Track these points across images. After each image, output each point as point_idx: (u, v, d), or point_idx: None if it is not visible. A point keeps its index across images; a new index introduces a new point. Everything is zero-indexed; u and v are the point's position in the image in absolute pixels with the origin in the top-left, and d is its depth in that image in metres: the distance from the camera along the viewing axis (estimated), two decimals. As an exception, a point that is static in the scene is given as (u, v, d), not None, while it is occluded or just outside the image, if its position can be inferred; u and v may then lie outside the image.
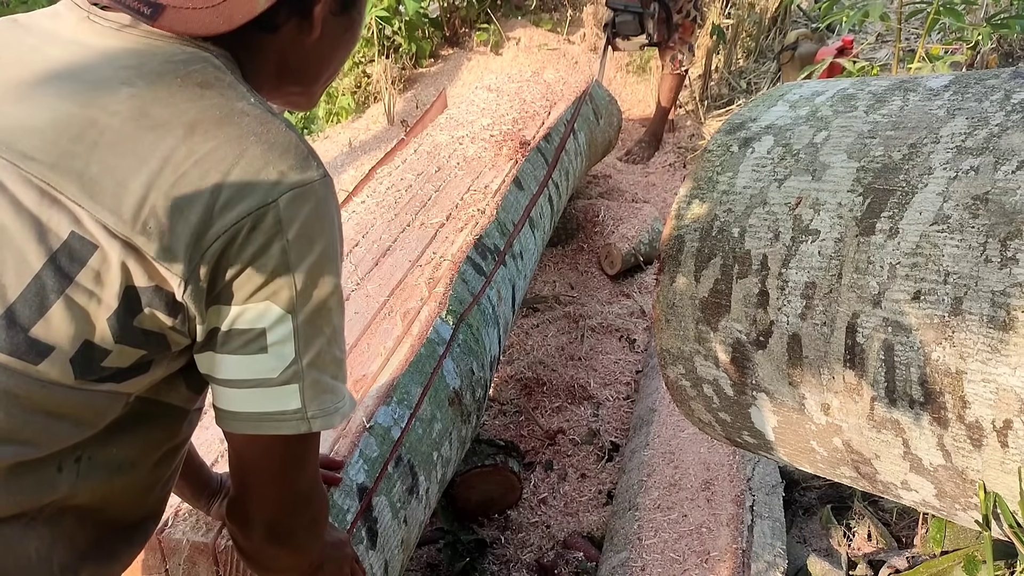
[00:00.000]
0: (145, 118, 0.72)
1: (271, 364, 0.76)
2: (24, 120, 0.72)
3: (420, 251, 2.10)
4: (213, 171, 0.71)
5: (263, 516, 0.84)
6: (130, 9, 0.76)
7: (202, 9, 0.75)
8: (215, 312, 0.74)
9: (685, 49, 4.14)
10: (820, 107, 1.16)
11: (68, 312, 0.70)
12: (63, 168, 0.70)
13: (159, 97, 0.73)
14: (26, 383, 0.70)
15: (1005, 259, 0.86)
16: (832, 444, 1.06)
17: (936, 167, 0.96)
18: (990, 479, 0.90)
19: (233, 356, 0.76)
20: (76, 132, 0.71)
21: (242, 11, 0.76)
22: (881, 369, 0.95)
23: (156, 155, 0.71)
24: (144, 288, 0.72)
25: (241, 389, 0.77)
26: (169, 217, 0.70)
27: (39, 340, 0.70)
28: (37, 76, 0.75)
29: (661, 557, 1.79)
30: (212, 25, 0.76)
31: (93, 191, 0.70)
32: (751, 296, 1.08)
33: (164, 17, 0.75)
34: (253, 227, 0.72)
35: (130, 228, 0.70)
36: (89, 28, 0.77)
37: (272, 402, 0.77)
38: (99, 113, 0.72)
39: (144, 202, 0.70)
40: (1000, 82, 1.02)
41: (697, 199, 1.19)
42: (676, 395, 1.27)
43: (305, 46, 0.84)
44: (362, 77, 5.15)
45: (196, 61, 0.76)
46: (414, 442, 1.53)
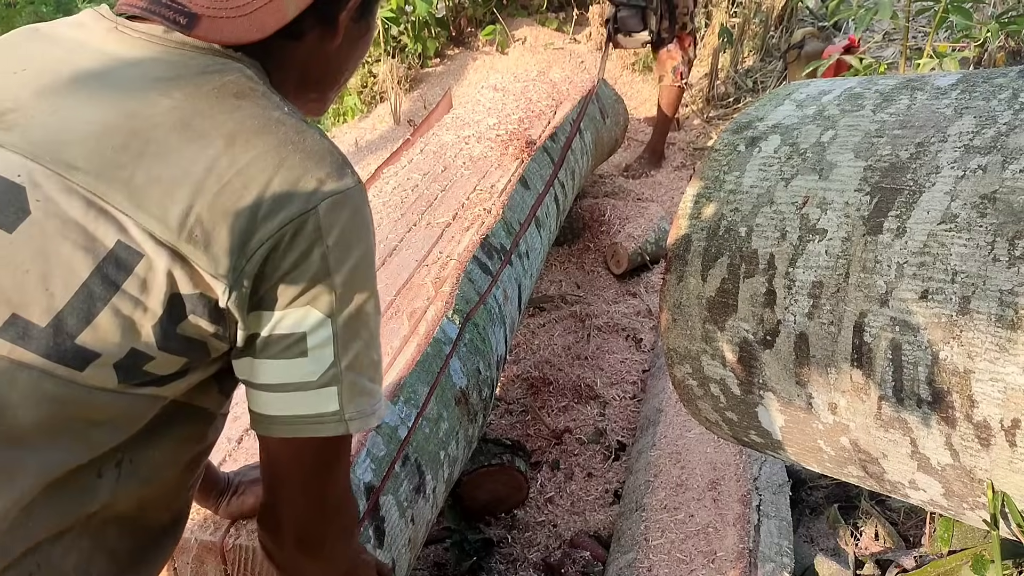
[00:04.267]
0: (187, 130, 0.73)
1: (311, 367, 0.77)
2: (64, 131, 0.74)
3: (426, 251, 2.10)
4: (255, 180, 0.73)
5: (294, 523, 0.85)
6: (166, 19, 0.78)
7: (236, 18, 0.78)
8: (256, 318, 0.76)
9: (685, 60, 4.08)
10: (827, 106, 1.16)
11: (114, 320, 0.71)
12: (108, 178, 0.72)
13: (198, 109, 0.75)
14: (71, 389, 0.71)
15: (1013, 258, 0.86)
16: (839, 443, 1.06)
17: (944, 166, 0.96)
18: (998, 478, 0.90)
19: (274, 361, 0.77)
20: (120, 143, 0.72)
21: (273, 18, 0.79)
22: (889, 368, 0.95)
23: (200, 165, 0.72)
24: (189, 295, 0.73)
25: (280, 393, 0.78)
26: (214, 226, 0.72)
27: (85, 347, 0.71)
28: (71, 87, 0.76)
29: (668, 558, 1.79)
30: (246, 33, 0.78)
31: (139, 200, 0.71)
32: (758, 295, 1.08)
33: (200, 26, 0.77)
34: (295, 234, 0.74)
35: (176, 236, 0.71)
36: (118, 39, 0.79)
37: (311, 404, 0.78)
38: (141, 124, 0.73)
39: (190, 211, 0.71)
40: (1008, 81, 1.02)
41: (704, 198, 1.19)
42: (683, 394, 1.27)
43: (327, 53, 0.86)
44: (368, 77, 5.17)
45: (230, 72, 0.78)
46: (421, 441, 1.53)
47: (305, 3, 0.80)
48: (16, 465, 0.70)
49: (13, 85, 0.78)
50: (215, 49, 0.79)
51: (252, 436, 1.41)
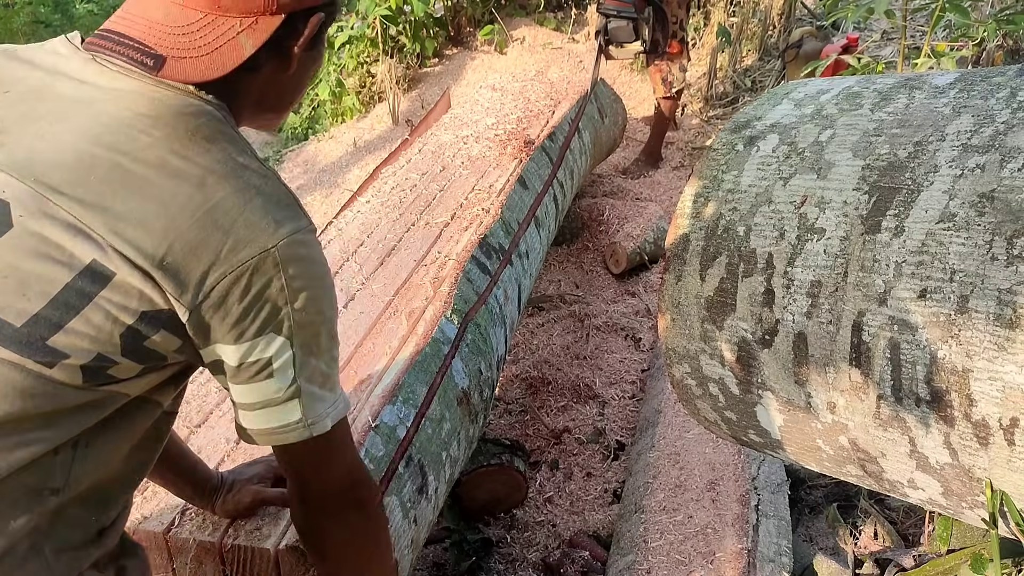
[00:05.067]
0: (164, 167, 0.81)
1: (276, 386, 0.88)
2: (49, 155, 0.80)
3: (425, 250, 2.10)
4: (223, 219, 0.82)
5: (314, 498, 0.99)
6: (133, 61, 0.85)
7: (197, 58, 0.86)
8: (222, 350, 0.85)
9: (676, 69, 4.03)
10: (825, 105, 1.16)
11: (85, 327, 0.79)
12: (90, 205, 0.79)
13: (174, 149, 0.82)
14: (39, 382, 0.78)
15: (1011, 257, 0.86)
16: (838, 442, 1.06)
17: (942, 165, 0.96)
18: (997, 477, 0.90)
19: (245, 385, 0.88)
20: (102, 174, 0.80)
21: (232, 57, 0.87)
22: (887, 367, 0.95)
23: (175, 201, 0.80)
24: (157, 313, 0.81)
25: (254, 411, 0.90)
26: (184, 257, 0.80)
27: (56, 348, 0.78)
28: (54, 113, 0.83)
29: (667, 559, 1.79)
30: (207, 72, 0.86)
31: (118, 228, 0.79)
32: (757, 295, 1.08)
33: (166, 68, 0.85)
34: (256, 269, 0.83)
35: (151, 263, 0.79)
36: (97, 70, 0.85)
37: (278, 417, 0.90)
38: (122, 159, 0.81)
39: (163, 243, 0.79)
40: (1006, 79, 1.02)
41: (702, 198, 1.19)
42: (682, 394, 1.27)
43: (282, 80, 0.95)
44: (367, 77, 5.16)
45: (202, 115, 0.86)
46: (424, 442, 1.53)
47: (260, 41, 0.88)
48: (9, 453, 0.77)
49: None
50: (184, 87, 0.86)
51: (250, 436, 1.41)
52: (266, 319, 0.85)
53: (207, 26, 0.86)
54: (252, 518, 1.20)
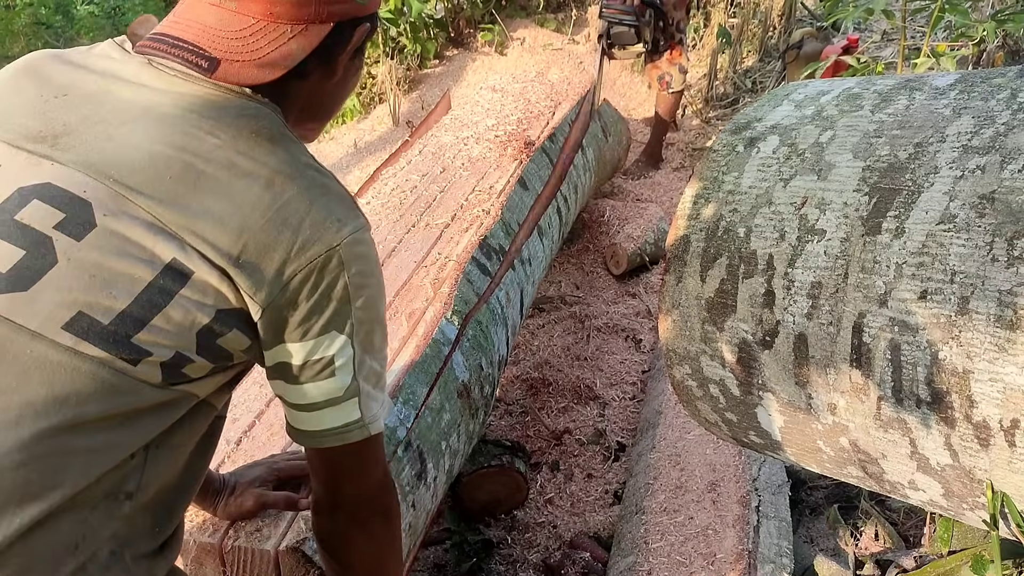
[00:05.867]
0: (233, 168, 0.83)
1: (338, 384, 0.90)
2: (123, 156, 0.82)
3: (425, 252, 2.10)
4: (292, 218, 0.84)
5: (348, 503, 0.99)
6: (188, 63, 0.87)
7: (250, 62, 0.88)
8: (287, 348, 0.87)
9: (675, 70, 4.03)
10: (826, 106, 1.16)
11: (167, 325, 0.81)
12: (168, 203, 0.81)
13: (240, 150, 0.85)
14: (124, 380, 0.80)
15: (1012, 258, 0.85)
16: (839, 444, 1.06)
17: (942, 166, 0.96)
18: (997, 478, 0.90)
19: (309, 384, 0.89)
20: (177, 174, 0.82)
21: (284, 62, 0.89)
22: (888, 369, 0.95)
23: (247, 201, 0.83)
24: (231, 312, 0.83)
25: (315, 411, 0.91)
26: (258, 255, 0.83)
27: (140, 345, 0.80)
28: (117, 115, 0.85)
29: (668, 560, 1.79)
30: (260, 75, 0.88)
31: (195, 227, 0.81)
32: (757, 296, 1.08)
33: (220, 70, 0.87)
34: (323, 266, 0.85)
35: (227, 261, 0.81)
36: (154, 74, 0.87)
37: (340, 416, 0.92)
38: (193, 159, 0.83)
39: (239, 240, 0.82)
40: (1006, 81, 1.02)
41: (703, 199, 1.19)
42: (682, 395, 1.27)
43: (326, 89, 0.97)
44: (367, 78, 5.16)
45: (262, 116, 0.88)
46: (423, 429, 1.54)
47: (310, 47, 0.90)
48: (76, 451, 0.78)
49: (58, 109, 0.86)
50: (241, 90, 0.88)
51: (250, 438, 1.41)
52: (331, 316, 0.87)
53: (259, 31, 0.88)
54: (252, 520, 1.20)
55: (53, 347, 0.77)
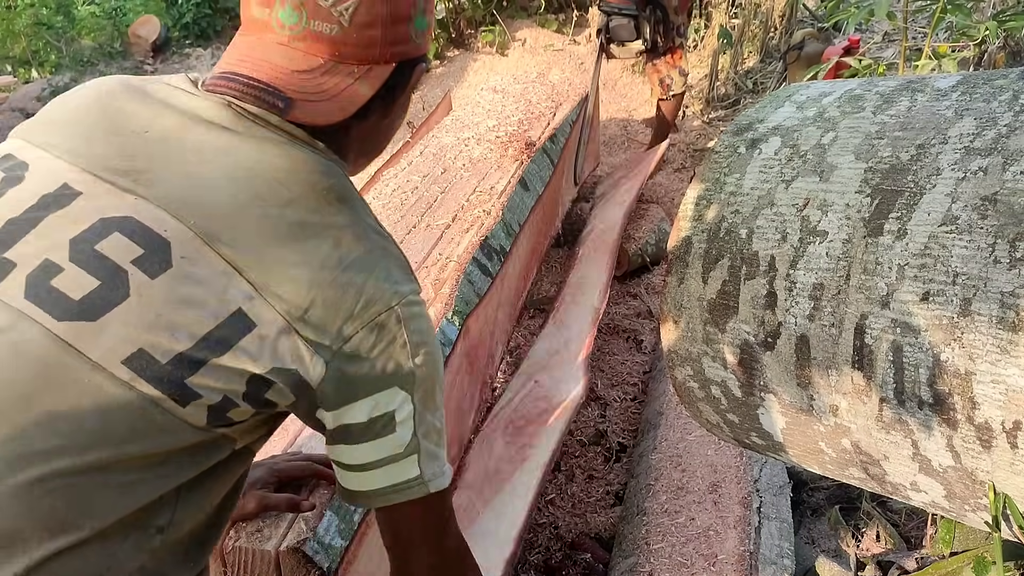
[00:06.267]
0: (305, 224, 0.85)
1: (398, 441, 0.90)
2: (204, 198, 0.84)
3: (426, 252, 2.10)
4: (356, 277, 0.86)
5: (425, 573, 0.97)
6: (265, 103, 0.88)
7: (321, 102, 0.89)
8: (352, 409, 0.87)
9: (676, 73, 4.01)
10: (827, 108, 1.16)
11: (220, 372, 0.81)
12: (243, 252, 0.82)
13: (311, 207, 0.87)
14: (171, 420, 0.81)
15: (1014, 260, 0.85)
16: (841, 445, 1.06)
17: (944, 168, 0.96)
18: (1000, 480, 0.90)
19: (370, 443, 0.89)
20: (254, 223, 0.83)
21: (352, 102, 0.91)
22: (890, 370, 0.95)
23: (317, 258, 0.84)
24: (285, 370, 0.84)
25: (374, 471, 0.90)
26: (324, 312, 0.84)
27: (192, 387, 0.80)
28: (198, 156, 0.86)
29: (669, 561, 1.79)
30: (331, 115, 0.90)
31: (268, 278, 0.82)
32: (759, 297, 1.08)
33: (295, 109, 0.88)
34: (384, 324, 0.87)
35: (294, 314, 0.82)
36: (233, 116, 0.89)
37: (399, 473, 0.91)
38: (270, 210, 0.85)
39: (308, 295, 0.83)
40: (1008, 82, 1.02)
41: (704, 200, 1.19)
42: (684, 396, 1.27)
43: (382, 127, 1.00)
44: (368, 79, 5.16)
45: (332, 174, 0.91)
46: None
47: (375, 88, 0.92)
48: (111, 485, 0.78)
49: (140, 145, 0.87)
50: (315, 144, 0.91)
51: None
52: (392, 372, 0.88)
53: (328, 72, 0.90)
54: (253, 520, 1.20)
55: (110, 380, 0.78)
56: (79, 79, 8.88)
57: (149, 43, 9.00)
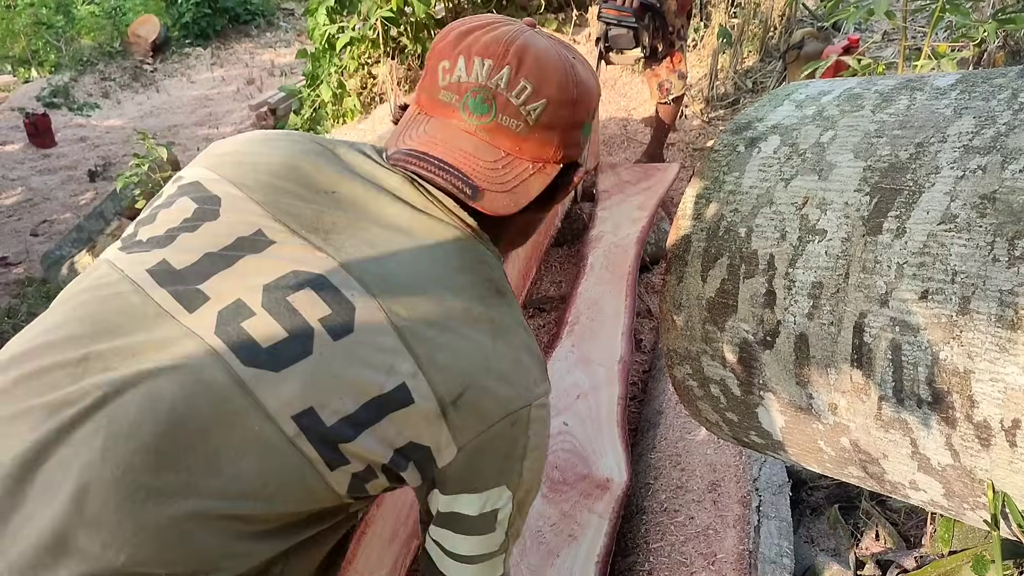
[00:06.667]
0: (469, 312, 0.87)
1: (496, 539, 0.91)
2: (385, 271, 0.86)
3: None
4: (505, 371, 0.87)
5: None
6: (454, 187, 0.91)
7: (501, 193, 0.92)
8: (467, 498, 0.88)
9: (675, 77, 4.01)
10: (826, 106, 1.16)
11: (370, 441, 0.82)
12: (417, 329, 0.84)
13: (476, 296, 0.89)
14: (318, 484, 0.82)
15: (1013, 258, 0.85)
16: (840, 444, 1.06)
17: (943, 166, 0.96)
18: (998, 478, 0.90)
19: (475, 537, 0.90)
20: (429, 303, 0.86)
21: (525, 196, 0.94)
22: (889, 369, 0.95)
23: (478, 349, 0.86)
24: (420, 447, 0.84)
25: (473, 564, 0.92)
26: (474, 398, 0.85)
27: (344, 454, 0.82)
28: (380, 227, 0.90)
29: (668, 560, 1.79)
30: (509, 206, 0.93)
31: (435, 358, 0.83)
32: (758, 296, 1.08)
33: (481, 198, 0.92)
34: (514, 422, 0.88)
35: (448, 399, 0.83)
36: (416, 194, 0.93)
37: (491, 571, 0.93)
38: (443, 293, 0.87)
39: (463, 381, 0.84)
40: (1007, 81, 1.02)
41: (703, 199, 1.19)
42: (683, 395, 1.27)
43: (535, 221, 1.05)
44: (368, 78, 5.17)
45: (495, 267, 0.94)
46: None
47: (544, 184, 0.95)
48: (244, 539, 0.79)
49: (328, 206, 0.90)
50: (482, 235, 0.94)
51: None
52: (507, 471, 0.89)
53: (508, 165, 0.93)
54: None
55: (277, 433, 0.79)
56: (79, 78, 8.88)
57: (149, 43, 9.00)
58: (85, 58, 8.87)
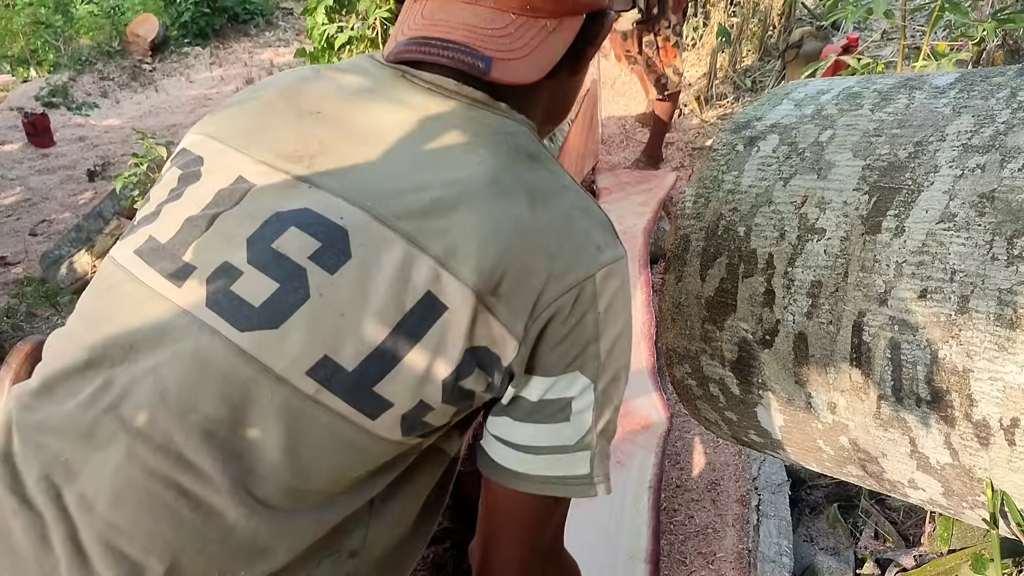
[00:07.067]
0: (495, 184, 0.77)
1: (571, 432, 0.79)
2: (380, 181, 0.77)
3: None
4: (551, 242, 0.76)
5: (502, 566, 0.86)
6: (465, 64, 0.81)
7: (518, 59, 0.82)
8: (526, 381, 0.78)
9: (671, 72, 4.03)
10: (825, 105, 1.16)
11: (411, 371, 0.73)
12: (426, 231, 0.74)
13: (501, 165, 0.78)
14: (361, 436, 0.74)
15: (1012, 257, 0.86)
16: (839, 443, 1.06)
17: (942, 165, 0.96)
18: (997, 477, 0.90)
19: (537, 425, 0.79)
20: (436, 199, 0.75)
21: (547, 58, 0.83)
22: (888, 367, 0.95)
23: (507, 224, 0.75)
24: (480, 349, 0.75)
25: (535, 455, 0.80)
26: (517, 281, 0.74)
27: (382, 396, 0.73)
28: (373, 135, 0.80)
29: (668, 560, 1.79)
30: (530, 73, 0.82)
31: (454, 250, 0.73)
32: (757, 295, 1.08)
33: (494, 70, 0.81)
34: (576, 299, 0.76)
35: (485, 286, 0.73)
36: (408, 87, 0.83)
37: (564, 467, 0.80)
38: (453, 181, 0.76)
39: (499, 266, 0.74)
40: (1006, 80, 1.02)
41: (702, 198, 1.19)
42: (682, 394, 1.27)
43: (569, 85, 0.92)
44: (366, 78, 5.15)
45: (520, 134, 0.83)
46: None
47: (568, 41, 0.84)
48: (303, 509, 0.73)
49: (312, 127, 0.81)
50: (497, 105, 0.83)
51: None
52: (577, 354, 0.78)
53: (520, 27, 0.82)
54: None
55: (295, 394, 0.71)
56: (77, 78, 8.88)
57: (147, 42, 8.99)
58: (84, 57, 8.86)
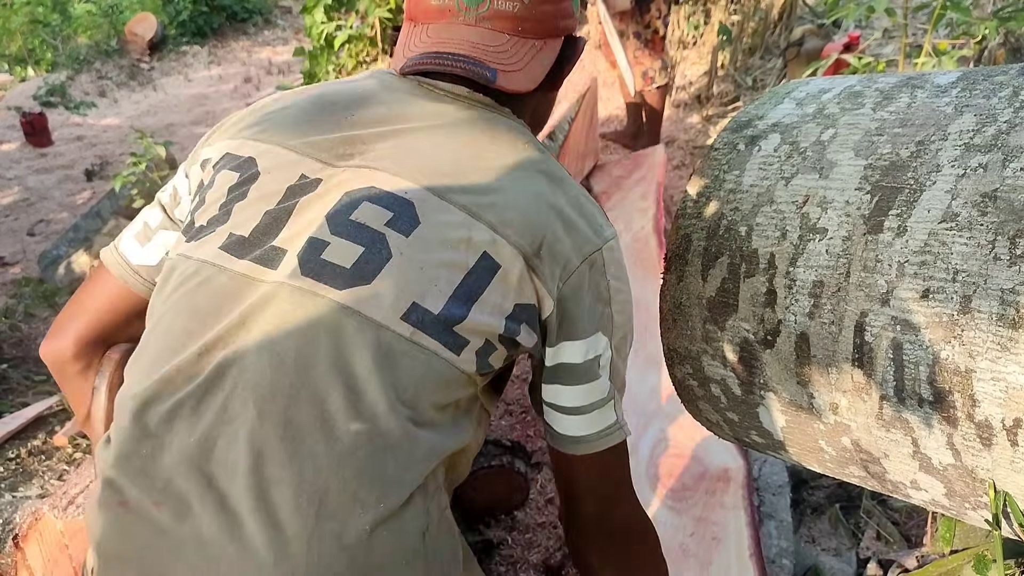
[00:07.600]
0: (522, 168, 0.93)
1: (602, 386, 0.94)
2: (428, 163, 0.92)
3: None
4: (571, 216, 0.92)
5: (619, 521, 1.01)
6: (476, 75, 0.96)
7: (516, 71, 0.98)
8: (570, 347, 0.92)
9: (658, 65, 4.06)
10: (827, 104, 1.15)
11: (481, 315, 0.87)
12: (477, 199, 0.90)
13: (520, 154, 0.95)
14: (451, 371, 0.87)
15: (1014, 257, 0.85)
16: (841, 443, 1.06)
17: (944, 164, 0.95)
18: (1000, 478, 0.89)
19: (580, 387, 0.93)
20: (479, 178, 0.91)
21: (537, 73, 1.00)
22: (890, 368, 0.94)
23: (541, 198, 0.92)
24: (525, 307, 0.90)
25: (584, 415, 0.94)
26: (552, 247, 0.90)
27: (462, 335, 0.87)
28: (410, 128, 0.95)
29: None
30: (527, 83, 0.99)
31: (504, 220, 0.89)
32: (759, 295, 1.08)
33: (499, 79, 0.97)
34: (592, 266, 0.92)
35: (531, 252, 0.89)
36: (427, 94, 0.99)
37: (602, 419, 0.95)
38: (488, 162, 0.93)
39: (539, 232, 0.89)
40: (1008, 78, 1.01)
41: (703, 198, 1.18)
42: (683, 395, 1.27)
43: (548, 99, 1.10)
44: (366, 77, 5.16)
45: (524, 132, 1.00)
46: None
47: (552, 60, 1.01)
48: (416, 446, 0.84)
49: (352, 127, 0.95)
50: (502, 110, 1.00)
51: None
52: (599, 316, 0.93)
53: (514, 46, 0.98)
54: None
55: (396, 338, 0.84)
56: (75, 77, 8.87)
57: (145, 41, 8.99)
58: (82, 56, 8.85)
